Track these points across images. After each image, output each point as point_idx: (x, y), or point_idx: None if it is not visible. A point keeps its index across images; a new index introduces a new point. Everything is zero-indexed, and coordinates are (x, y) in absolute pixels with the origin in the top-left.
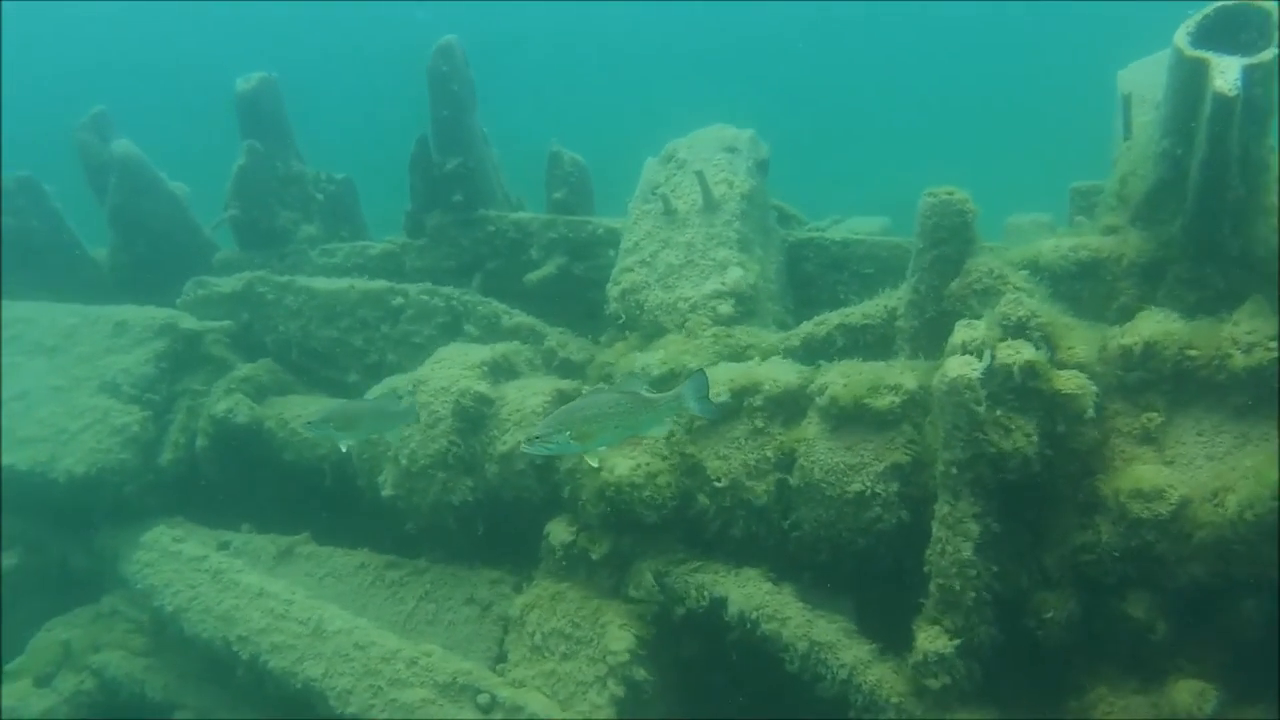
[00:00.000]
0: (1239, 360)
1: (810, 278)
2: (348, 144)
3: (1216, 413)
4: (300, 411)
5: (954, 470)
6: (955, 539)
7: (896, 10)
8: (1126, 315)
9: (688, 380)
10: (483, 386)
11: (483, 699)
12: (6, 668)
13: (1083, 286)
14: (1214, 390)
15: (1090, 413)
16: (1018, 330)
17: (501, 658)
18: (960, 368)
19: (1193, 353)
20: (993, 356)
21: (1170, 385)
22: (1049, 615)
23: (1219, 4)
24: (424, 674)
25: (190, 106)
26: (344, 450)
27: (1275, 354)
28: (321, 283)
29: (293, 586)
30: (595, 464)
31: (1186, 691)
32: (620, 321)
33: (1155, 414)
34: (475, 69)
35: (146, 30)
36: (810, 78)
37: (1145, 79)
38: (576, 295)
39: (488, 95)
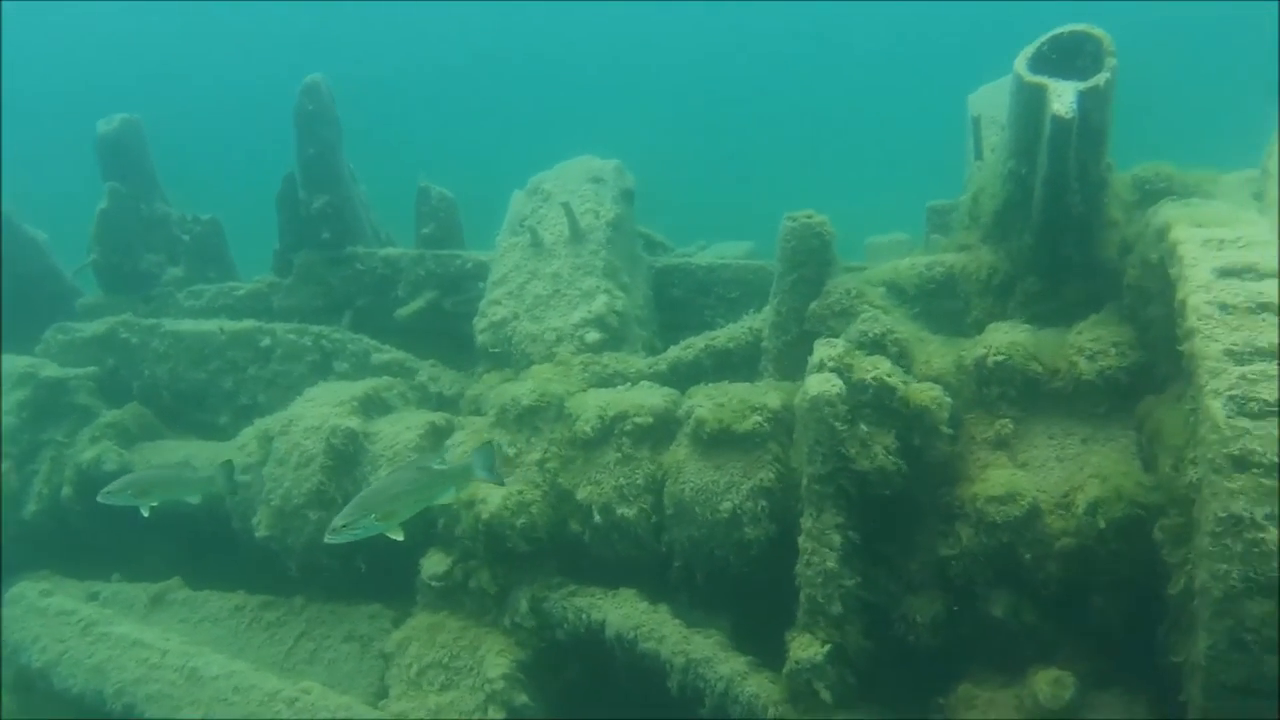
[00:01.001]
0: (1084, 367)
1: (678, 302)
2: (223, 184)
3: (1066, 417)
4: (171, 457)
5: (816, 485)
6: (821, 550)
7: (769, 39)
8: (980, 328)
9: (475, 451)
10: (354, 423)
11: None
12: None
13: (939, 302)
14: (1062, 396)
15: (945, 424)
16: (875, 346)
17: (383, 692)
18: (820, 385)
19: (1037, 365)
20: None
21: (1021, 393)
22: (917, 619)
23: (1055, 32)
24: (305, 712)
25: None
26: (145, 515)
27: (1118, 361)
28: (188, 325)
29: (167, 634)
30: (399, 537)
31: (1045, 680)
32: (489, 354)
33: (1008, 420)
34: (358, 100)
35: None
36: (688, 105)
37: (993, 102)
38: (447, 330)
39: (369, 128)
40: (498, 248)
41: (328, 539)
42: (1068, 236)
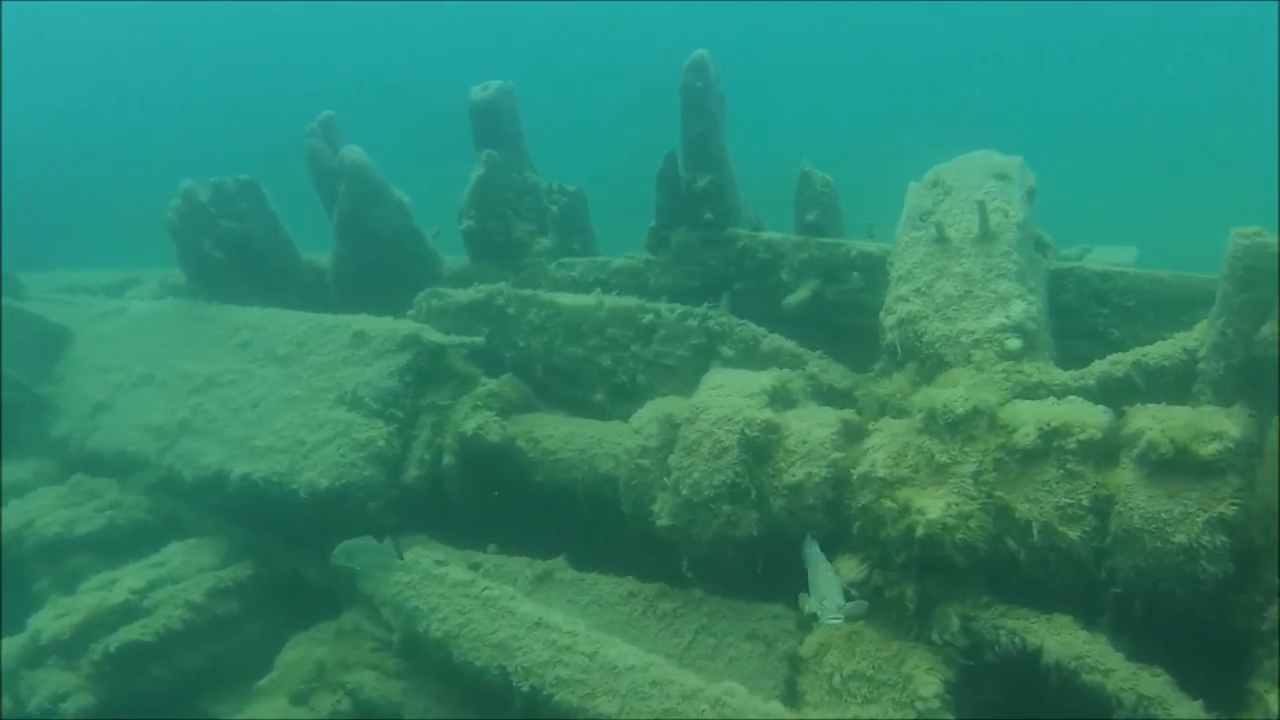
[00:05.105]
0: None
1: (1070, 309)
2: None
3: None
4: (552, 432)
5: None
6: None
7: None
8: None
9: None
10: (768, 415)
11: None
12: (258, 684)
13: None
14: None
15: None
16: None
17: (788, 697)
18: None
19: None
20: None
21: None
22: None
23: None
24: (730, 714)
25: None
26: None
27: None
28: (566, 298)
29: (573, 618)
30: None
31: None
32: (895, 352)
33: None
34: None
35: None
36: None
37: None
38: (824, 319)
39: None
40: (897, 241)
41: (829, 620)
42: None
